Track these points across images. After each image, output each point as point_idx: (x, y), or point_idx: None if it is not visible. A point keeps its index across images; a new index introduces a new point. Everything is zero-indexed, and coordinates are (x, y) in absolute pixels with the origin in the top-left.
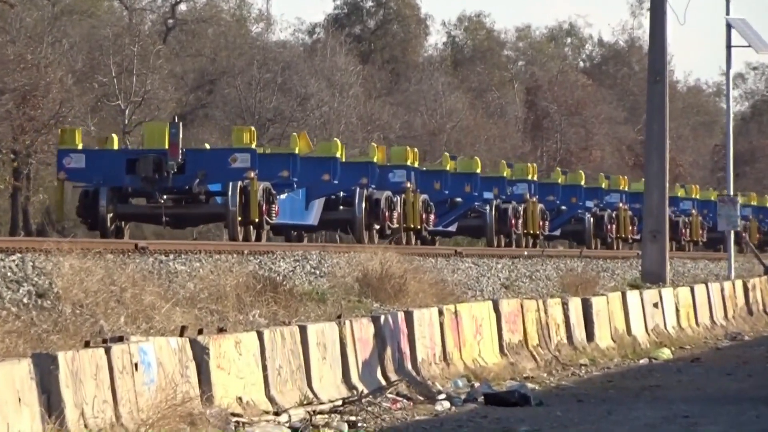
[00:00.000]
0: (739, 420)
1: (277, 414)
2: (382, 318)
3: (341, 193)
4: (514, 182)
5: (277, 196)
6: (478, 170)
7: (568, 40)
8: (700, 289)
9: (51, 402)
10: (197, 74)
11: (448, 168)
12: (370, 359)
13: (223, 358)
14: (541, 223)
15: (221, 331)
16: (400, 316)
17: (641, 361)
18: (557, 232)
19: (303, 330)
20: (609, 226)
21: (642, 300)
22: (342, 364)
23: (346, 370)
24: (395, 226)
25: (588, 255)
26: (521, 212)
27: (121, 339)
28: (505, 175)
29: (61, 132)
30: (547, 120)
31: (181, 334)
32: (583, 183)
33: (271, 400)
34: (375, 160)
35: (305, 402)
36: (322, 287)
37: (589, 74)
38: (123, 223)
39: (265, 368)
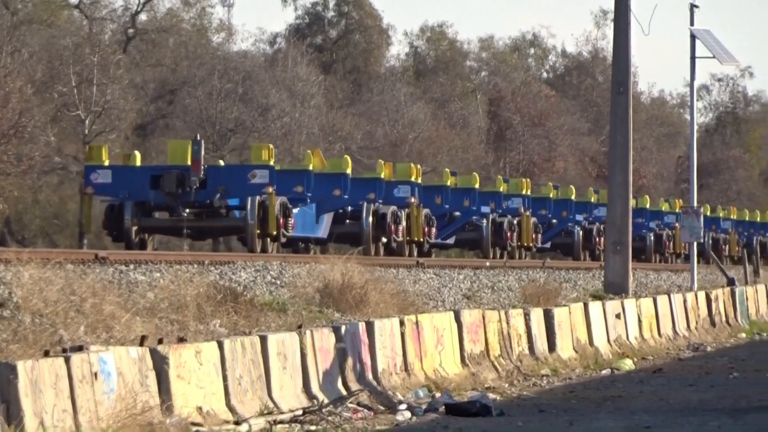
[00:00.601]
0: (701, 430)
1: (237, 424)
2: (343, 328)
3: (349, 208)
4: (510, 196)
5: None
6: (477, 185)
7: (532, 50)
8: (662, 300)
9: (10, 411)
10: (158, 84)
11: (448, 183)
12: (330, 369)
13: (183, 368)
14: (534, 236)
15: (181, 340)
16: (361, 326)
17: (603, 372)
18: (548, 245)
19: (263, 340)
20: (597, 239)
21: (604, 311)
22: (302, 373)
23: (306, 379)
24: (400, 239)
25: (550, 266)
26: (516, 225)
27: (80, 348)
28: (501, 190)
29: (88, 149)
30: (510, 131)
31: (141, 344)
32: (573, 197)
33: (231, 409)
34: (382, 176)
35: (266, 412)
36: (282, 297)
37: (553, 85)
38: (146, 235)
39: (225, 378)
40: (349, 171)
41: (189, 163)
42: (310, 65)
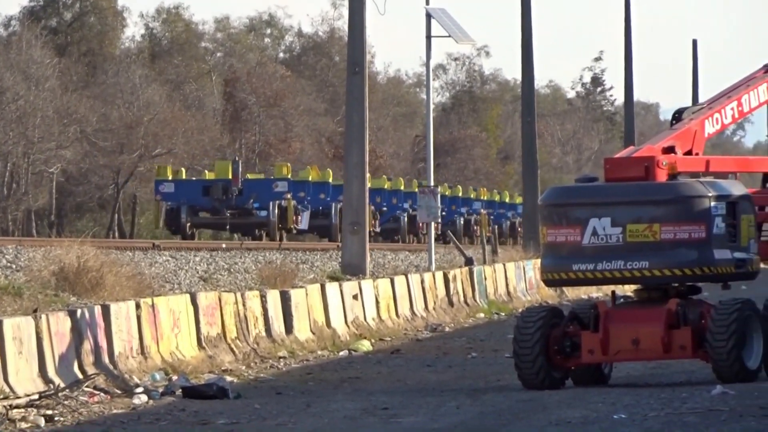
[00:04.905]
0: (439, 411)
1: None
2: (79, 312)
3: (320, 207)
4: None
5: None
6: (402, 188)
7: (268, 31)
8: (400, 280)
9: None
10: None
11: (386, 186)
12: (67, 353)
13: None
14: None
15: None
16: (97, 309)
17: (341, 354)
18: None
19: None
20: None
21: (342, 292)
22: (38, 358)
23: (42, 364)
24: None
25: (287, 247)
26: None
27: None
28: (416, 190)
29: (157, 168)
30: (246, 112)
31: None
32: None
33: None
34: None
35: (1, 396)
36: (18, 281)
37: (289, 65)
38: (195, 230)
39: None
40: (330, 180)
41: (230, 177)
42: (45, 48)
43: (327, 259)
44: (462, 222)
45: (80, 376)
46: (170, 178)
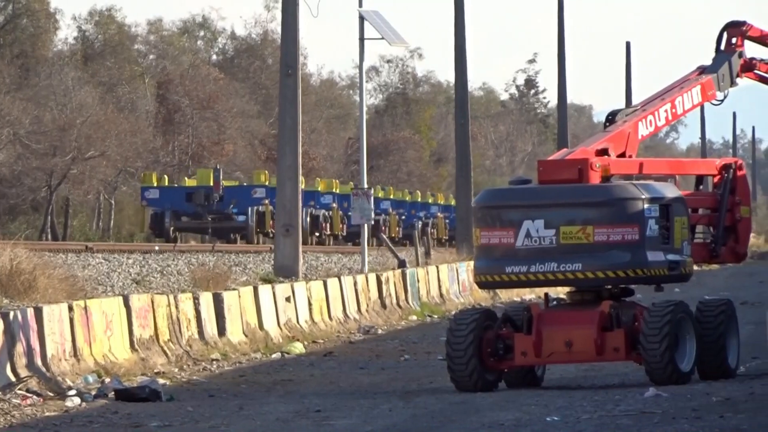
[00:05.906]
0: (372, 414)
1: None
2: (12, 314)
3: None
4: (382, 200)
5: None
6: (381, 194)
7: (201, 33)
8: (333, 282)
9: None
10: None
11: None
12: None
13: None
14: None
15: None
16: (30, 312)
17: (274, 356)
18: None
19: None
20: None
21: (274, 294)
22: None
23: None
24: (328, 233)
25: (220, 249)
26: (386, 221)
27: None
28: (379, 195)
29: (143, 175)
30: (179, 114)
31: None
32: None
33: None
34: (319, 189)
35: None
36: None
37: (222, 68)
38: (178, 233)
39: None
40: (303, 186)
41: (212, 184)
42: None
43: (260, 262)
44: (420, 225)
45: (13, 378)
46: (155, 185)
